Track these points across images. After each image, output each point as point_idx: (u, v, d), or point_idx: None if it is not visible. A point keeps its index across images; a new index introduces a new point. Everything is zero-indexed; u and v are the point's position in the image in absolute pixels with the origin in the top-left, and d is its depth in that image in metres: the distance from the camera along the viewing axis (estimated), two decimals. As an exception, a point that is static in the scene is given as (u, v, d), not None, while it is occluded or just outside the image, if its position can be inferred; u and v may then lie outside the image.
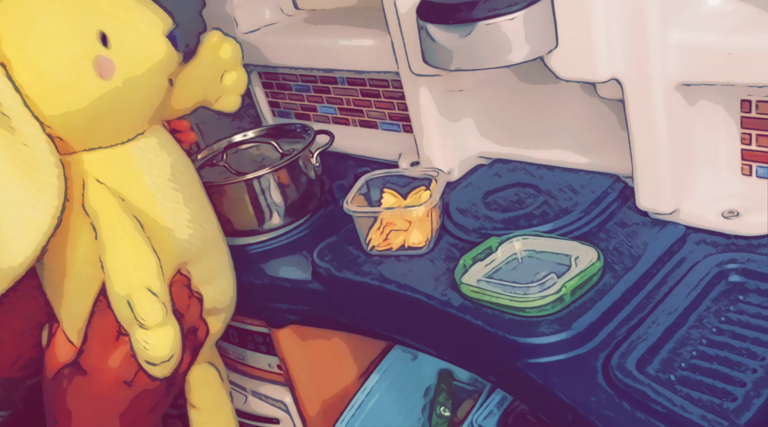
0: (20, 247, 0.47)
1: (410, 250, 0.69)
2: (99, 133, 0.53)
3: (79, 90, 0.50)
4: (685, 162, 0.63)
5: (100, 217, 0.53)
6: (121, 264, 0.52)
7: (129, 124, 0.55)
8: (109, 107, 0.51)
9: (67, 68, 0.49)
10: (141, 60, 0.52)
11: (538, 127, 0.76)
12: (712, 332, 0.54)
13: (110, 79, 0.50)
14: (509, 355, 0.56)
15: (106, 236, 0.52)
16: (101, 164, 0.54)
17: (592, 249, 0.60)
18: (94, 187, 0.53)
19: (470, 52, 0.60)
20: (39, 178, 0.47)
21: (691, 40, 0.56)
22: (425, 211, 0.68)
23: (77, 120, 0.50)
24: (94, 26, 0.50)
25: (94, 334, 0.57)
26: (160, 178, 0.56)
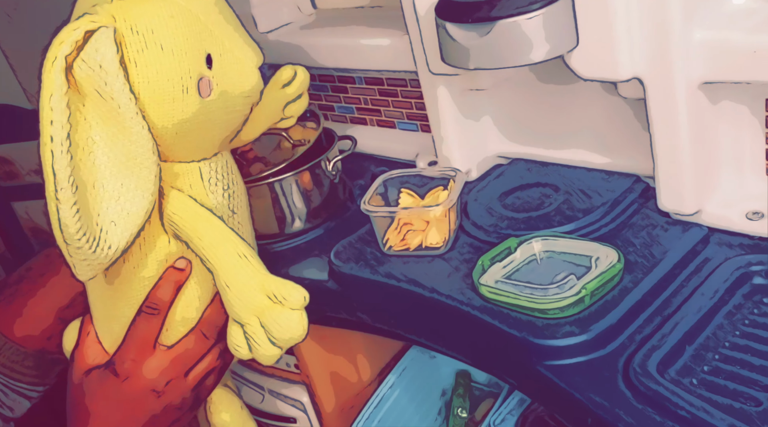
0: (116, 236, 0.51)
1: (428, 250, 0.69)
2: (184, 146, 0.56)
3: (181, 104, 0.53)
4: (708, 162, 0.62)
5: (190, 222, 0.56)
6: (243, 260, 0.55)
7: (210, 143, 0.58)
8: (199, 124, 0.55)
9: (176, 82, 0.52)
10: (235, 85, 0.56)
11: (558, 127, 0.76)
12: (735, 335, 0.53)
13: (207, 98, 0.54)
14: (528, 357, 0.56)
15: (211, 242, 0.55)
16: (179, 178, 0.57)
17: (613, 250, 0.60)
18: (178, 197, 0.56)
19: (489, 51, 0.59)
20: (139, 174, 0.51)
21: (715, 38, 0.55)
22: (443, 211, 0.68)
23: (174, 131, 0.54)
24: (203, 47, 0.54)
25: (133, 340, 0.58)
26: (223, 198, 0.59)
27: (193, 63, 0.53)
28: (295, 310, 0.54)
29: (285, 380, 0.85)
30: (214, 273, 0.55)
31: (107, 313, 0.60)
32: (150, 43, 0.51)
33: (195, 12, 0.53)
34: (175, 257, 0.58)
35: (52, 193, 0.47)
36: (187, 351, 0.60)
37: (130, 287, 0.58)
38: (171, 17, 0.52)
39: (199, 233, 0.56)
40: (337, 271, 0.72)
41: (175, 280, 0.58)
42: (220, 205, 0.59)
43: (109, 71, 0.48)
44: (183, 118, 0.53)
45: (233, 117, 0.58)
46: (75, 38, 0.47)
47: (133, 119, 0.50)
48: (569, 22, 0.58)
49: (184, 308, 0.59)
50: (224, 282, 0.55)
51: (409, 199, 0.73)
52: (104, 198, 0.50)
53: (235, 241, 0.56)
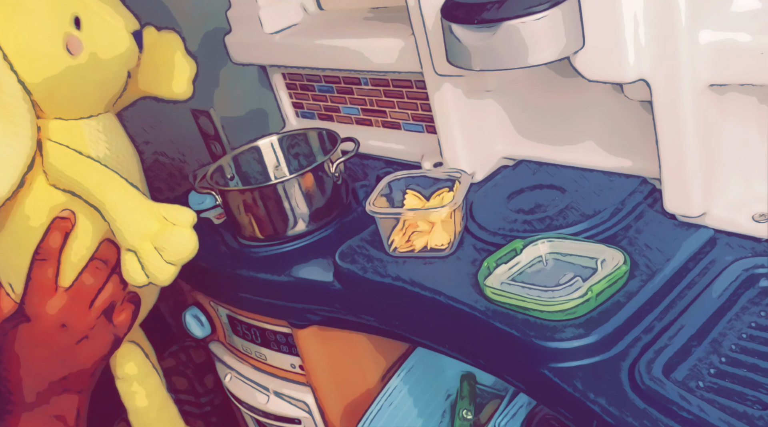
0: (5, 176, 0.55)
1: (433, 251, 0.69)
2: (59, 103, 0.60)
3: (49, 60, 0.57)
4: (715, 164, 0.62)
5: (73, 168, 0.60)
6: (130, 193, 0.60)
7: (86, 101, 0.63)
8: (71, 81, 0.59)
9: (42, 39, 0.57)
10: (106, 47, 0.61)
11: (564, 128, 0.75)
12: (742, 338, 0.53)
13: (77, 56, 0.59)
14: (533, 359, 0.56)
15: (96, 182, 0.60)
16: (57, 132, 0.61)
17: (619, 252, 0.59)
18: (57, 147, 0.60)
19: (495, 53, 0.59)
20: (14, 121, 0.55)
21: (722, 40, 0.55)
22: (448, 212, 0.67)
23: (43, 87, 0.58)
24: (70, 9, 0.59)
25: (33, 285, 0.63)
26: (104, 156, 0.63)
27: (59, 22, 0.58)
28: (186, 228, 0.59)
29: (290, 381, 0.85)
30: (102, 209, 0.59)
31: (5, 264, 0.65)
32: (16, 7, 0.56)
33: None
34: (61, 208, 0.62)
35: None
36: (85, 285, 0.64)
37: (20, 237, 0.62)
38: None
39: (83, 175, 0.60)
40: (342, 272, 0.72)
41: (62, 227, 0.63)
42: (101, 160, 0.62)
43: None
44: (51, 74, 0.58)
45: (107, 78, 0.63)
46: None
47: (2, 72, 0.54)
48: (575, 23, 0.58)
49: (77, 249, 0.64)
50: (112, 214, 0.59)
51: (415, 200, 0.73)
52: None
53: (120, 178, 0.60)
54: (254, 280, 0.78)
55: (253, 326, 0.83)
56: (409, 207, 0.72)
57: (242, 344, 0.87)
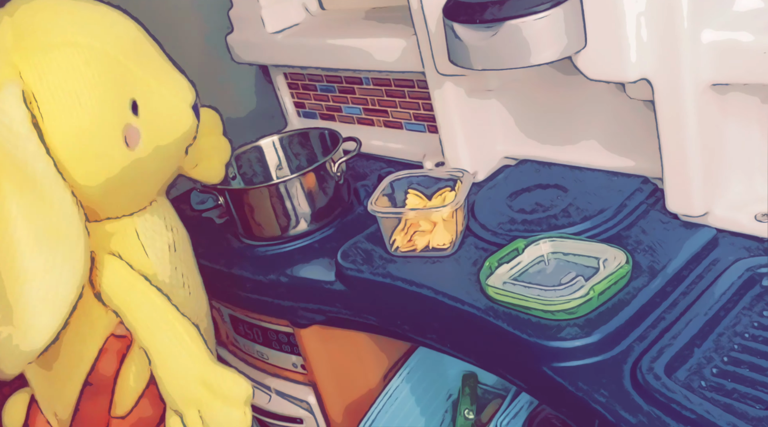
0: (46, 323, 0.44)
1: (434, 251, 0.69)
2: (116, 203, 0.50)
3: (107, 159, 0.47)
4: (717, 164, 0.62)
5: (124, 295, 0.50)
6: (182, 345, 0.49)
7: (143, 195, 0.53)
8: (130, 178, 0.49)
9: (99, 136, 0.46)
10: (167, 130, 0.51)
11: (566, 128, 0.75)
12: (744, 338, 0.52)
13: (135, 148, 0.48)
14: (535, 358, 0.56)
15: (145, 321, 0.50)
16: (110, 237, 0.51)
17: (621, 252, 0.59)
18: (109, 262, 0.50)
19: (497, 52, 0.59)
20: (65, 248, 0.44)
21: (724, 39, 0.55)
22: (450, 212, 0.67)
23: (99, 190, 0.48)
24: (127, 94, 0.48)
25: (83, 416, 0.53)
26: (162, 252, 0.54)
27: (117, 113, 0.46)
28: (237, 407, 0.48)
29: (292, 381, 0.85)
30: (149, 358, 0.50)
31: (49, 394, 0.54)
32: (65, 96, 0.44)
33: (113, 54, 0.47)
34: (115, 324, 0.52)
35: None
36: (143, 418, 0.54)
37: (69, 365, 0.52)
38: (86, 64, 0.45)
39: (133, 310, 0.49)
40: (344, 272, 0.72)
41: (117, 349, 0.52)
42: (160, 260, 0.53)
43: (20, 133, 0.42)
44: (111, 175, 0.47)
45: (168, 164, 0.53)
46: None
47: (53, 186, 0.43)
48: (577, 23, 0.58)
49: (136, 372, 0.53)
50: (158, 367, 0.49)
51: (416, 200, 0.73)
52: (26, 280, 0.43)
53: (173, 321, 0.49)
54: (256, 279, 0.78)
55: (255, 325, 0.83)
56: (411, 207, 0.72)
57: (244, 344, 0.87)
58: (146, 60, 0.49)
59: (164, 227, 0.54)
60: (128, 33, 0.49)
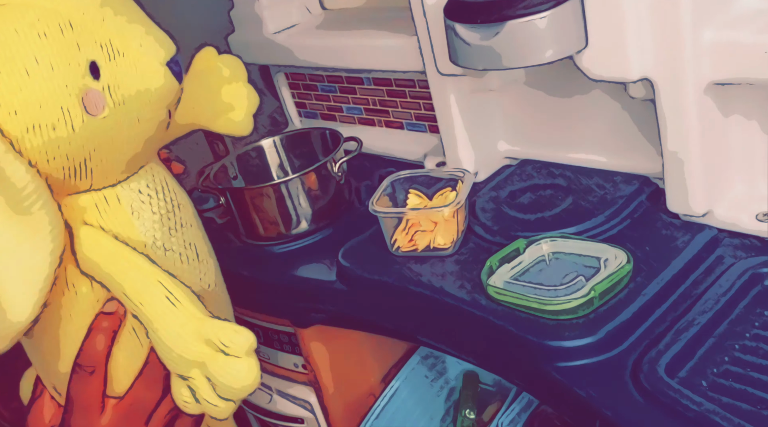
0: (24, 297, 0.42)
1: (435, 251, 0.69)
2: (84, 175, 0.46)
3: (64, 129, 0.43)
4: (718, 163, 0.62)
5: (108, 263, 0.47)
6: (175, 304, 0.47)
7: (120, 163, 0.48)
8: (97, 147, 0.45)
9: (50, 105, 0.42)
10: (136, 92, 0.46)
11: (567, 128, 0.75)
12: (746, 338, 0.52)
13: (99, 114, 0.44)
14: (536, 358, 0.56)
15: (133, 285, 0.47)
16: (89, 210, 0.48)
17: (622, 251, 0.59)
18: (89, 232, 0.47)
19: (498, 52, 0.59)
20: (30, 219, 0.42)
21: (726, 38, 0.55)
22: (451, 212, 0.67)
23: (60, 161, 0.44)
24: (83, 55, 0.43)
25: (77, 402, 0.51)
26: (152, 220, 0.50)
27: (70, 78, 0.42)
28: (242, 358, 0.45)
29: (293, 381, 0.85)
30: (142, 322, 0.47)
31: (45, 371, 0.52)
32: (7, 64, 0.41)
33: (66, 12, 0.43)
34: (104, 301, 0.49)
35: None
36: (139, 399, 0.51)
37: (59, 343, 0.49)
38: (30, 26, 0.41)
39: (119, 276, 0.47)
40: (346, 271, 0.72)
41: (107, 326, 0.49)
42: (150, 229, 0.50)
43: None
44: (72, 145, 0.43)
45: (143, 128, 0.48)
46: None
47: (2, 159, 0.40)
48: (579, 22, 0.58)
49: (127, 353, 0.51)
50: (154, 332, 0.46)
51: (417, 200, 0.73)
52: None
53: (163, 281, 0.47)
54: (257, 279, 0.78)
55: (256, 325, 0.83)
56: (412, 207, 0.72)
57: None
58: (110, 15, 0.45)
59: (155, 193, 0.51)
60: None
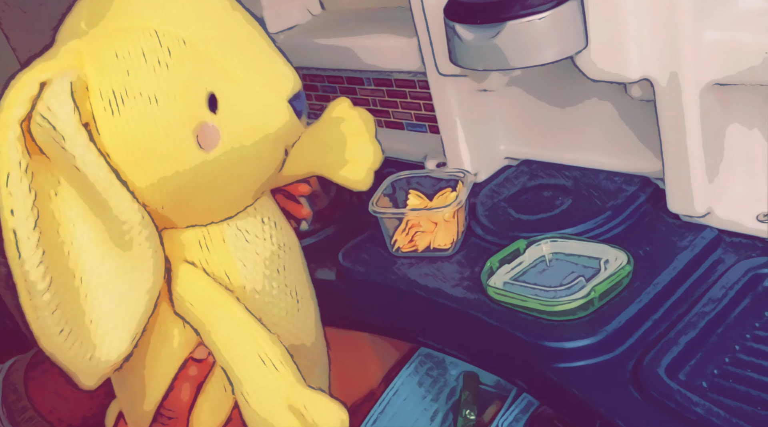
0: (117, 333, 0.40)
1: (436, 251, 0.68)
2: (192, 211, 0.43)
3: (173, 162, 0.40)
4: (718, 164, 0.62)
5: (203, 308, 0.44)
6: (267, 364, 0.43)
7: (229, 201, 0.45)
8: (205, 184, 0.41)
9: (162, 137, 0.39)
10: (253, 129, 0.42)
11: (567, 128, 0.75)
12: (746, 338, 0.52)
13: (212, 150, 0.41)
14: (536, 359, 0.56)
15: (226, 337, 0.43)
16: (191, 246, 0.45)
17: (622, 252, 0.59)
18: (187, 271, 0.44)
19: (498, 52, 0.59)
20: (131, 253, 0.40)
21: (726, 39, 0.55)
22: (451, 212, 0.67)
23: (167, 196, 0.41)
24: (202, 87, 0.40)
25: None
26: (255, 263, 0.46)
27: (187, 110, 0.39)
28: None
29: (293, 381, 0.85)
30: (230, 378, 0.43)
31: (129, 409, 0.49)
32: (123, 90, 0.38)
33: (190, 40, 0.40)
34: (194, 345, 0.45)
35: (27, 301, 0.37)
36: None
37: (144, 384, 0.46)
38: (152, 53, 0.39)
39: (212, 324, 0.43)
40: (346, 272, 0.72)
41: (195, 375, 0.46)
42: (252, 272, 0.46)
43: (66, 134, 0.36)
44: (180, 180, 0.40)
45: (257, 167, 0.44)
46: (29, 95, 0.36)
47: (107, 190, 0.38)
48: (579, 22, 0.58)
49: (212, 404, 0.47)
50: (242, 393, 0.42)
51: (417, 200, 0.73)
52: (97, 286, 0.39)
53: (258, 337, 0.43)
54: (257, 280, 0.78)
55: (256, 326, 0.83)
56: (412, 207, 0.72)
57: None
58: (234, 46, 0.41)
59: (262, 234, 0.47)
60: (215, 15, 0.41)
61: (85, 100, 0.38)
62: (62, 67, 0.37)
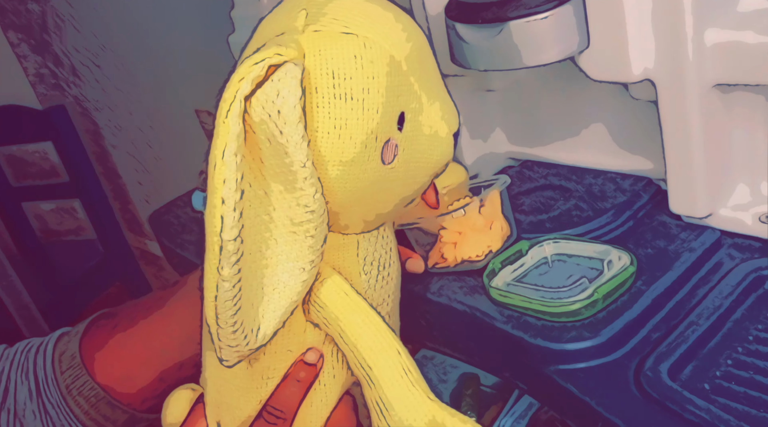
0: (269, 315, 0.41)
1: (467, 264, 0.63)
2: (350, 217, 0.45)
3: (359, 169, 0.41)
4: (721, 165, 0.62)
5: (347, 315, 0.44)
6: (408, 377, 0.44)
7: (378, 216, 0.46)
8: (372, 194, 0.43)
9: (359, 142, 0.41)
10: (422, 153, 0.44)
11: (569, 128, 0.75)
12: (748, 340, 0.52)
13: (388, 165, 0.43)
14: (538, 361, 0.56)
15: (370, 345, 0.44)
16: (332, 251, 0.46)
17: (625, 253, 0.59)
18: (332, 278, 0.45)
19: (499, 52, 0.59)
20: (303, 243, 0.41)
21: (728, 39, 0.55)
22: (480, 221, 0.61)
23: (340, 198, 0.43)
24: (399, 104, 0.42)
25: None
26: (376, 281, 0.48)
27: (385, 122, 0.41)
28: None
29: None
30: (372, 386, 0.43)
31: (219, 398, 0.48)
32: (340, 89, 0.40)
33: (398, 58, 0.42)
34: (306, 348, 0.46)
35: (215, 267, 0.38)
36: None
37: (251, 376, 0.46)
38: (371, 62, 0.40)
39: (356, 331, 0.44)
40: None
41: (304, 377, 0.46)
42: (371, 289, 0.48)
43: (289, 120, 0.38)
44: (356, 185, 0.42)
45: (411, 190, 0.46)
46: (257, 74, 0.37)
47: (306, 180, 0.39)
48: (580, 23, 0.58)
49: (309, 413, 0.47)
50: (384, 402, 0.43)
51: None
52: (264, 266, 0.40)
53: (400, 350, 0.44)
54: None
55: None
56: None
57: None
58: (424, 74, 0.44)
59: (384, 256, 0.49)
60: (416, 41, 0.44)
61: (305, 93, 0.40)
62: (291, 56, 0.38)
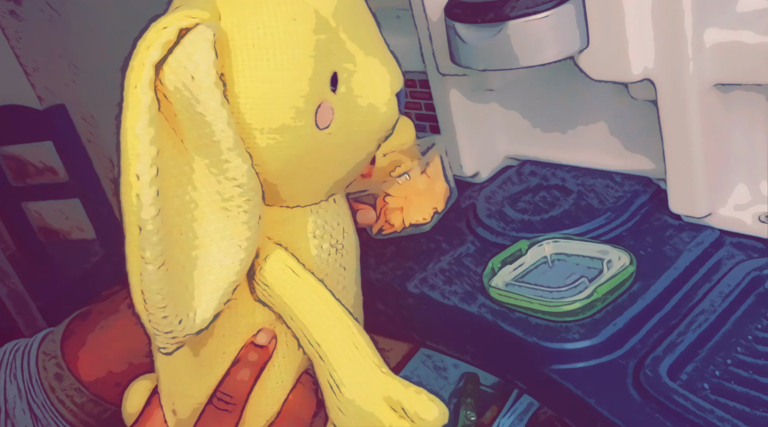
0: (206, 298, 0.38)
1: (414, 228, 0.63)
2: (290, 188, 0.42)
3: (293, 135, 0.39)
4: (721, 165, 0.61)
5: (293, 292, 0.42)
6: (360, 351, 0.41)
7: (321, 186, 0.44)
8: (311, 162, 0.41)
9: (291, 105, 0.38)
10: (362, 115, 0.42)
11: (569, 128, 0.75)
12: (748, 340, 0.52)
13: (324, 130, 0.40)
14: (538, 360, 0.55)
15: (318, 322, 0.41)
16: (278, 227, 0.43)
17: (625, 253, 0.59)
18: (277, 254, 0.42)
19: (499, 52, 0.59)
20: (237, 219, 0.38)
21: (728, 39, 0.55)
22: (421, 182, 0.62)
23: (275, 168, 0.40)
24: (330, 64, 0.39)
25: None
26: (327, 254, 0.45)
27: (315, 83, 0.38)
28: None
29: (293, 382, 0.85)
30: (322, 363, 0.41)
31: (171, 386, 0.47)
32: (262, 51, 0.37)
33: (324, 15, 0.39)
34: (257, 329, 0.44)
35: (135, 250, 0.35)
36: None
37: (200, 362, 0.44)
38: (293, 20, 0.38)
39: (304, 308, 0.42)
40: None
41: (255, 361, 0.44)
42: (323, 263, 0.45)
43: (203, 86, 0.35)
44: (290, 154, 0.39)
45: (355, 155, 0.44)
46: (167, 39, 0.35)
47: (231, 151, 0.37)
48: (580, 22, 0.58)
49: (264, 396, 0.45)
50: (335, 379, 0.40)
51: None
52: (195, 247, 0.37)
53: (350, 324, 0.41)
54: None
55: (256, 326, 0.83)
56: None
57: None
58: (359, 31, 0.41)
59: (337, 227, 0.46)
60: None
61: (221, 55, 0.37)
62: (204, 18, 0.36)
